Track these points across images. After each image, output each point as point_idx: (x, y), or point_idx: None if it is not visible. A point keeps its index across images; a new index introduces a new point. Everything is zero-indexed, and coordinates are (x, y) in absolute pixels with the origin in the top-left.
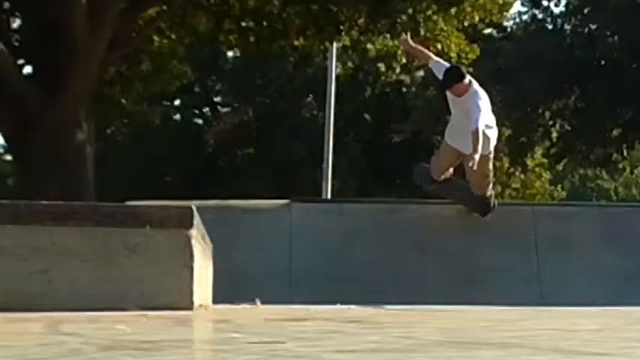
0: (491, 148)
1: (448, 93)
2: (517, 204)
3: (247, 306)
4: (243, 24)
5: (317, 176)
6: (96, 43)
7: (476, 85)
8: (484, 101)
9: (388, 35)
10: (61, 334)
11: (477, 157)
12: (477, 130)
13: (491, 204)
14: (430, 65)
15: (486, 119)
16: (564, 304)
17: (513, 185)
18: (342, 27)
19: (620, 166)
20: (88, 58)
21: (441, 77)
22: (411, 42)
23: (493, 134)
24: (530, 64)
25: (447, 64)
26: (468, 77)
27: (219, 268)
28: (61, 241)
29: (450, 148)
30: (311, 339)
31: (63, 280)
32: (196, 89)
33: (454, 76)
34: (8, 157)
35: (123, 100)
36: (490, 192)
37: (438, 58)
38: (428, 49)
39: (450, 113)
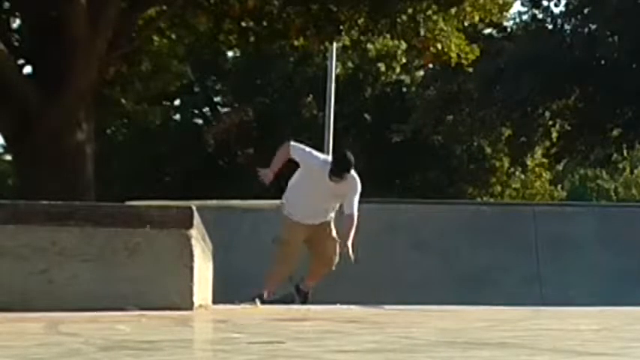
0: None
1: (327, 177)
2: (517, 204)
3: (247, 306)
4: (243, 24)
5: None
6: (96, 43)
7: (352, 174)
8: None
9: (388, 35)
10: (61, 334)
11: (349, 244)
12: (353, 222)
13: (309, 294)
14: (292, 155)
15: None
16: (564, 304)
17: (513, 185)
18: (342, 27)
19: (620, 166)
20: (88, 58)
21: (315, 162)
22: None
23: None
24: (530, 64)
25: (321, 155)
26: None
27: (219, 268)
28: (61, 241)
29: (301, 227)
30: (311, 339)
31: (63, 280)
32: (196, 89)
33: (347, 167)
34: (8, 157)
35: (123, 100)
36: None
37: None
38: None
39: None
